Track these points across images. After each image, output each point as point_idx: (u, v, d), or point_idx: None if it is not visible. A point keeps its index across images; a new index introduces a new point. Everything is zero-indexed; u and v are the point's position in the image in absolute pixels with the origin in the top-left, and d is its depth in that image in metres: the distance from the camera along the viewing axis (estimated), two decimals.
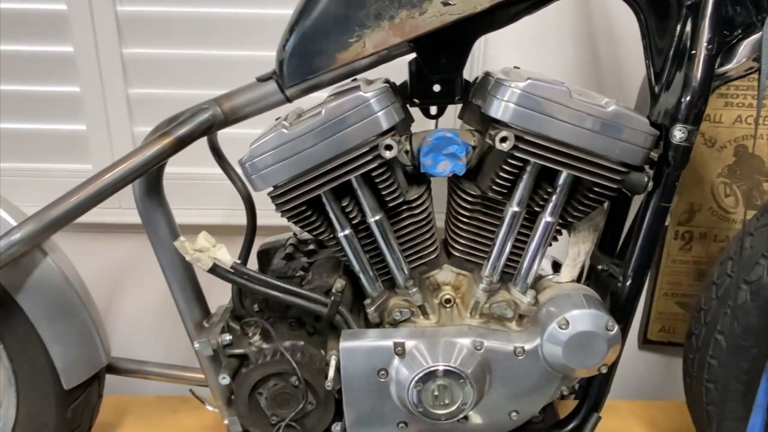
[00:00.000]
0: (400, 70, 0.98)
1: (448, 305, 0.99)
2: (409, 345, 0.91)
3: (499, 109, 0.83)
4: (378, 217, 0.90)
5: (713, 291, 1.06)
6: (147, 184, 0.95)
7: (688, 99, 0.84)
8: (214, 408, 1.05)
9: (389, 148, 0.84)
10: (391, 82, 0.95)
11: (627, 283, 0.94)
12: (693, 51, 0.84)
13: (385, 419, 0.95)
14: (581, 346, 0.89)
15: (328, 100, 0.87)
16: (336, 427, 0.97)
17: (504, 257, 0.92)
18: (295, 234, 1.15)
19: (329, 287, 0.95)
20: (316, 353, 0.95)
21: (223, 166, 0.99)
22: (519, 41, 1.30)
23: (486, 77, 0.92)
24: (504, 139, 0.83)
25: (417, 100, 0.98)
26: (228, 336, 0.96)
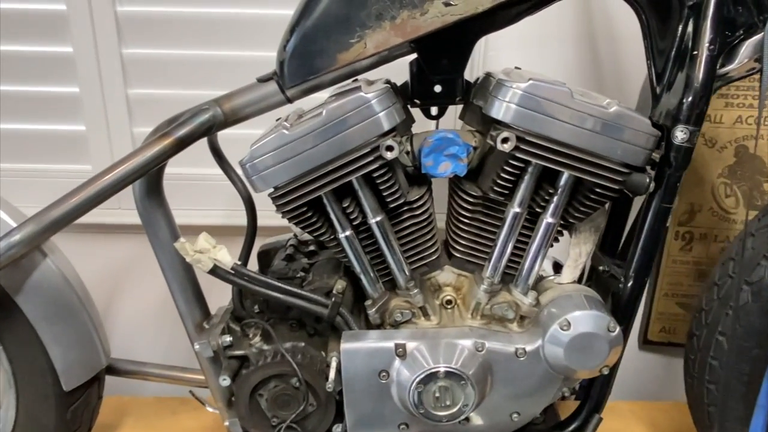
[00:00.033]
0: (401, 70, 0.98)
1: (449, 306, 0.99)
2: (410, 346, 0.90)
3: (501, 110, 0.83)
4: (379, 218, 0.90)
5: (714, 292, 1.05)
6: (147, 184, 0.95)
7: (689, 100, 0.84)
8: (214, 409, 1.04)
9: (390, 148, 0.84)
10: (392, 82, 0.95)
11: (628, 284, 0.94)
12: (695, 51, 0.84)
13: (386, 421, 0.95)
14: (583, 347, 0.89)
15: (329, 100, 0.87)
16: (337, 429, 0.97)
17: (505, 258, 0.92)
18: (296, 235, 1.15)
19: (330, 288, 0.95)
20: (316, 354, 0.95)
21: (224, 166, 0.99)
22: (520, 42, 1.30)
23: (487, 78, 0.92)
24: (505, 140, 0.83)
25: (418, 100, 0.97)
26: (228, 337, 0.95)
